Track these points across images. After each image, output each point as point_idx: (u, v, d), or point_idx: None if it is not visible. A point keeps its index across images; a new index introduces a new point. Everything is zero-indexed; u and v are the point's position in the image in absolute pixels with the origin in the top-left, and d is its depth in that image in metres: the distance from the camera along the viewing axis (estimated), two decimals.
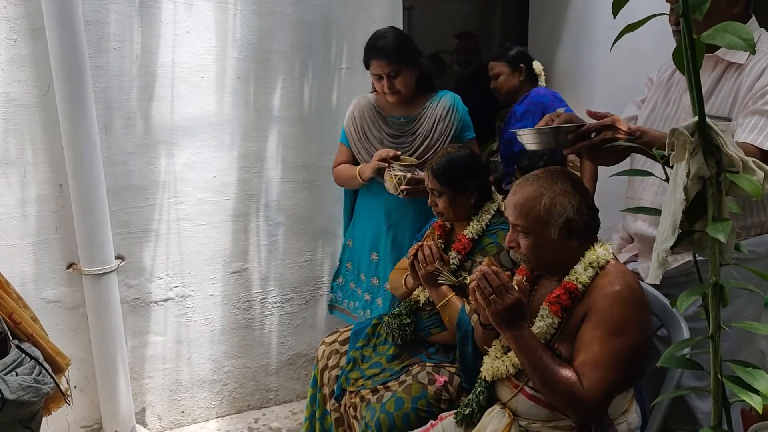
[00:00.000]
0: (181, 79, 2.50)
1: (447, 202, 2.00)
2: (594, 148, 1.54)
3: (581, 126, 1.53)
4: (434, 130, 2.39)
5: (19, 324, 1.79)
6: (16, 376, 1.66)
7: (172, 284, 2.65)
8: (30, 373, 1.70)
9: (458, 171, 1.98)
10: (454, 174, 1.98)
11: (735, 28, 0.67)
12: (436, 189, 2.01)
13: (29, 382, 1.66)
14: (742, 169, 0.74)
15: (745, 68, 1.65)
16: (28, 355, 1.73)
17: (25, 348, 1.76)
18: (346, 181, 2.52)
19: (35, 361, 1.74)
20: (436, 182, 1.99)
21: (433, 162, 2.02)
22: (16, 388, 1.62)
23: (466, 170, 1.99)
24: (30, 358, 1.74)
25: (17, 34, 2.22)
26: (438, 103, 2.42)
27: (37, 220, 2.37)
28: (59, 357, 1.91)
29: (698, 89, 0.72)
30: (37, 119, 2.30)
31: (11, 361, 1.68)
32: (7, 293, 1.82)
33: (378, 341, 2.16)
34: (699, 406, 1.81)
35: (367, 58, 2.34)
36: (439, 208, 2.03)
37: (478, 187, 2.01)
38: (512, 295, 1.45)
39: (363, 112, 2.46)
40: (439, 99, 2.44)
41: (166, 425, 2.78)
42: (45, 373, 1.75)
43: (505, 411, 1.58)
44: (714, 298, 0.75)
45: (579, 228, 1.53)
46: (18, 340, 1.78)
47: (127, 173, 2.48)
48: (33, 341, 1.83)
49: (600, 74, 3.15)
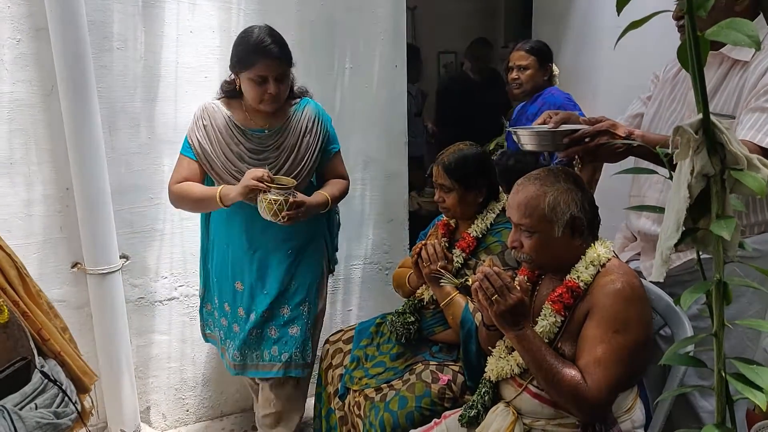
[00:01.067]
0: (184, 79, 2.50)
1: (456, 199, 1.99)
2: (590, 152, 1.54)
3: (577, 130, 1.53)
4: (300, 143, 2.13)
5: (47, 341, 1.71)
6: (35, 410, 1.55)
7: (176, 283, 2.66)
8: (51, 404, 1.60)
9: (470, 168, 1.98)
10: (466, 171, 1.97)
11: (740, 25, 0.67)
12: (446, 185, 1.99)
13: (48, 418, 1.55)
14: (746, 167, 0.74)
15: (750, 66, 1.65)
16: (50, 380, 1.64)
17: (49, 371, 1.66)
18: (195, 202, 2.11)
19: (58, 387, 1.64)
20: (447, 178, 1.98)
21: (445, 157, 2.00)
22: (33, 427, 1.50)
23: (477, 168, 1.99)
24: (53, 384, 1.63)
25: (21, 34, 2.23)
26: (302, 114, 2.16)
27: (42, 220, 2.38)
28: (86, 376, 1.82)
29: (702, 87, 0.72)
30: (41, 119, 2.31)
31: (31, 391, 1.58)
32: (38, 305, 1.75)
33: (382, 340, 2.16)
34: (703, 405, 1.81)
35: (251, 57, 1.98)
36: (447, 204, 2.02)
37: (487, 186, 2.01)
38: (514, 295, 1.45)
39: (215, 121, 2.10)
40: (302, 109, 2.17)
41: (171, 424, 2.79)
42: (68, 400, 1.65)
43: (509, 409, 1.58)
44: (718, 295, 0.75)
45: (582, 225, 1.53)
46: (44, 356, 1.70)
47: (131, 173, 2.49)
48: (60, 359, 1.75)
49: (603, 73, 3.14)
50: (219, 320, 2.31)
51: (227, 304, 2.26)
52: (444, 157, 2.01)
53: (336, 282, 2.96)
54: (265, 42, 1.97)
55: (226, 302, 2.26)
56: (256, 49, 1.97)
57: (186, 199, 2.11)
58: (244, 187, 1.95)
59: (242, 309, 2.23)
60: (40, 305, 1.77)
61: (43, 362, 1.68)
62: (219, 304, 2.29)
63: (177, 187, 2.10)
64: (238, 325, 2.24)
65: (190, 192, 2.09)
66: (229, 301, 2.26)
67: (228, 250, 2.22)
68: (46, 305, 1.81)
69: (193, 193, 2.09)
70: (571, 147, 1.53)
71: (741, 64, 1.68)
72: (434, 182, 2.04)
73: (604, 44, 3.07)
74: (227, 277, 2.24)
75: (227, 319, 2.28)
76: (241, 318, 2.24)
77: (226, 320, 2.28)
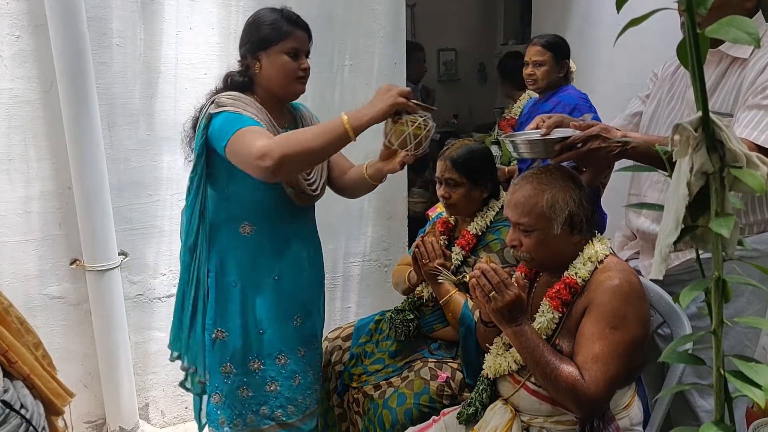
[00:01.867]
0: (184, 76, 2.50)
1: (463, 194, 1.98)
2: (583, 157, 1.54)
3: (568, 137, 1.53)
4: None
5: (14, 363, 1.57)
6: None
7: (175, 280, 2.65)
8: None
9: (477, 163, 1.97)
10: (474, 166, 1.97)
11: (739, 22, 0.66)
12: (453, 179, 1.97)
13: None
14: (745, 165, 0.74)
15: (748, 63, 1.65)
16: (13, 410, 1.49)
17: (13, 396, 1.52)
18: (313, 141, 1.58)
19: (21, 417, 1.50)
20: (455, 172, 1.96)
21: (452, 152, 1.99)
22: None
23: (483, 164, 1.99)
24: (16, 414, 1.49)
25: (20, 30, 2.22)
26: (302, 113, 1.97)
27: (41, 217, 2.38)
28: (58, 398, 1.69)
29: (702, 84, 0.71)
30: (40, 116, 2.30)
31: None
32: (5, 324, 1.62)
33: (380, 337, 2.16)
34: (701, 404, 1.81)
35: (286, 27, 1.74)
36: (452, 200, 1.99)
37: (491, 183, 2.01)
38: (512, 292, 1.46)
39: (259, 114, 1.75)
40: (299, 109, 1.98)
41: (170, 421, 2.79)
42: (33, 429, 1.53)
43: (507, 407, 1.59)
44: (716, 293, 0.75)
45: (581, 222, 1.53)
46: (10, 377, 1.57)
47: (130, 170, 2.48)
48: (29, 382, 1.61)
49: (603, 71, 3.15)
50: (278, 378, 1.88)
51: (284, 355, 1.87)
52: (451, 152, 1.99)
53: (335, 279, 2.96)
54: (291, 13, 1.79)
55: (283, 351, 1.87)
56: (289, 19, 1.76)
57: (300, 140, 1.58)
58: (390, 105, 1.57)
59: (303, 349, 1.92)
60: (8, 324, 1.63)
61: (8, 385, 1.54)
62: (271, 359, 1.87)
63: (279, 138, 1.60)
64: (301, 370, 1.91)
65: (299, 135, 1.61)
66: (287, 348, 1.88)
67: (276, 282, 1.84)
68: (16, 322, 1.66)
69: (306, 134, 1.61)
70: (563, 153, 1.53)
71: (740, 61, 1.68)
72: (439, 178, 2.02)
73: (604, 42, 3.07)
74: (281, 317, 1.86)
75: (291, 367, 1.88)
76: (302, 358, 1.92)
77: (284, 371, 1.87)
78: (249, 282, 1.82)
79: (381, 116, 1.58)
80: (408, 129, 1.59)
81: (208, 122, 1.70)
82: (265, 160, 1.54)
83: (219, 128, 1.67)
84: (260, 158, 1.55)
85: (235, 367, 1.83)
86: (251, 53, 1.78)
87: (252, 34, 1.78)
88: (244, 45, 1.80)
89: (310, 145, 1.57)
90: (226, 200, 1.79)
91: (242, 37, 1.81)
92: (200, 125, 1.72)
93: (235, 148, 1.62)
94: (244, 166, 1.63)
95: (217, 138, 1.67)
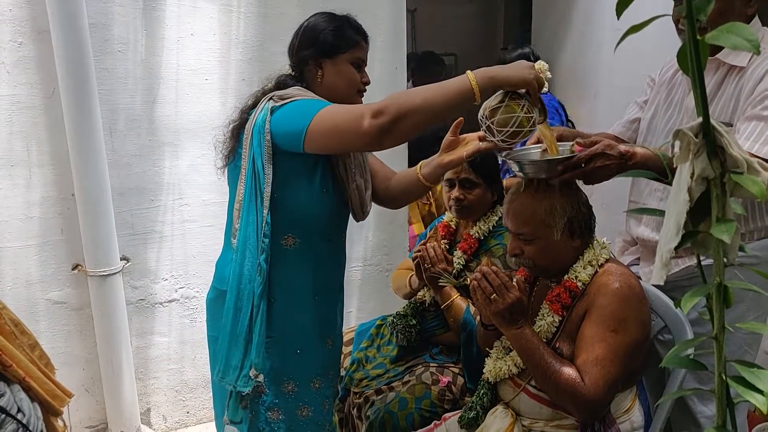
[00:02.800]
0: (185, 82, 2.51)
1: (479, 195, 1.97)
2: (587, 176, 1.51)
3: (572, 157, 1.49)
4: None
5: (9, 367, 1.55)
6: None
7: (176, 285, 2.66)
8: None
9: (492, 164, 1.98)
10: (490, 166, 1.97)
11: (739, 29, 0.67)
12: (470, 180, 1.95)
13: None
14: (746, 170, 0.74)
15: (746, 71, 1.64)
16: (8, 414, 1.48)
17: (9, 400, 1.51)
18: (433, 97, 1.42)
19: (18, 422, 1.49)
20: (473, 173, 1.94)
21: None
22: None
23: (496, 165, 2.00)
24: (12, 419, 1.48)
25: (22, 37, 2.23)
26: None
27: (43, 222, 2.38)
28: (56, 399, 1.68)
29: (702, 90, 0.72)
30: (42, 121, 2.31)
31: None
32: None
33: (382, 342, 2.16)
34: (701, 410, 1.81)
35: (354, 36, 1.67)
36: (467, 201, 1.97)
37: (500, 187, 2.02)
38: (513, 294, 1.46)
39: None
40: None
41: (171, 425, 2.79)
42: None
43: (507, 411, 1.59)
44: (718, 298, 0.76)
45: (580, 226, 1.54)
46: (7, 382, 1.56)
47: (132, 175, 2.49)
48: (25, 384, 1.60)
49: (603, 74, 3.15)
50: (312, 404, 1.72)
51: (318, 379, 1.73)
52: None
53: None
54: (357, 23, 1.69)
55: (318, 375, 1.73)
56: (357, 29, 1.67)
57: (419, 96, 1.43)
58: (529, 75, 1.42)
59: (332, 372, 1.80)
60: (1, 327, 1.61)
61: (4, 390, 1.53)
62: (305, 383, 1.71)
63: (392, 95, 1.47)
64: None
65: (417, 91, 1.47)
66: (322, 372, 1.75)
67: (315, 301, 1.71)
68: (9, 324, 1.64)
69: (425, 90, 1.45)
70: (567, 173, 1.49)
71: (737, 69, 1.67)
72: (452, 179, 1.97)
73: (604, 46, 3.08)
74: (318, 339, 1.73)
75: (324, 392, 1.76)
76: (331, 381, 1.80)
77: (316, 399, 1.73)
78: (288, 298, 1.66)
79: (515, 81, 1.43)
80: (520, 113, 1.44)
81: (267, 117, 1.55)
82: (380, 117, 1.39)
83: (292, 115, 1.52)
84: (374, 116, 1.40)
85: (267, 386, 1.65)
86: (313, 59, 1.64)
87: (314, 39, 1.64)
88: (306, 49, 1.65)
89: (431, 102, 1.41)
90: (271, 208, 1.60)
91: (301, 41, 1.67)
92: (256, 123, 1.57)
93: (325, 123, 1.47)
94: (342, 136, 1.46)
95: (291, 125, 1.51)
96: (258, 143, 1.55)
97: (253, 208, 1.58)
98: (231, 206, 1.68)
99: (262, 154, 1.55)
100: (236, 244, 1.61)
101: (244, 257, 1.59)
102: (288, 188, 1.60)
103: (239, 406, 1.64)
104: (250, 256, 1.59)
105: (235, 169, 1.65)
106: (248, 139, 1.57)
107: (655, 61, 2.03)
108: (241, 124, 1.63)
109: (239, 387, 1.60)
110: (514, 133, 1.46)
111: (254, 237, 1.58)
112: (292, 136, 1.51)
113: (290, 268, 1.65)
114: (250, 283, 1.59)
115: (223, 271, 1.69)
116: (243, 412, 1.64)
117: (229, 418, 1.65)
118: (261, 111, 1.57)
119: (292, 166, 1.58)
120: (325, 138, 1.48)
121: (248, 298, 1.59)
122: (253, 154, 1.56)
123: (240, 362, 1.60)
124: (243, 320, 1.59)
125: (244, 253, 1.59)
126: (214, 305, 1.72)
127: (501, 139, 1.47)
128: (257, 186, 1.57)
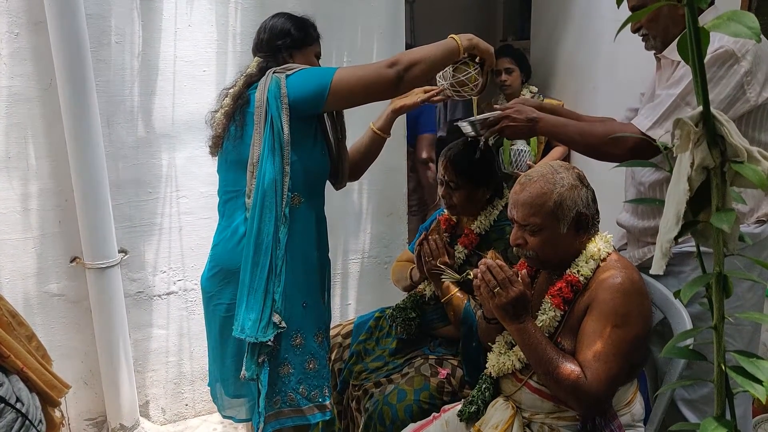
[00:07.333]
0: (183, 73, 2.50)
1: (464, 196, 1.95)
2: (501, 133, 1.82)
3: (487, 118, 1.81)
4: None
5: (6, 358, 1.57)
6: None
7: (175, 278, 2.66)
8: (9, 430, 1.48)
9: (478, 166, 1.93)
10: (474, 169, 1.93)
11: (741, 17, 0.66)
12: (453, 182, 1.94)
13: None
14: (746, 159, 0.74)
15: None
16: (7, 404, 1.49)
17: (7, 390, 1.52)
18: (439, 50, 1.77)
19: (17, 411, 1.50)
20: (456, 176, 1.93)
21: (452, 153, 1.96)
22: None
23: (485, 164, 1.95)
24: (11, 408, 1.49)
25: (19, 28, 2.22)
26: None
27: (40, 214, 2.38)
28: (53, 390, 1.69)
29: (703, 78, 0.71)
30: (39, 113, 2.30)
31: None
32: None
33: (381, 334, 2.16)
34: (692, 419, 1.80)
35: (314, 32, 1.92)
36: (454, 201, 1.97)
37: (494, 182, 1.99)
38: (516, 288, 1.45)
39: None
40: None
41: (170, 418, 2.79)
42: (29, 424, 1.53)
43: (508, 403, 1.59)
44: (718, 288, 0.75)
45: (588, 222, 1.53)
46: (5, 372, 1.57)
47: (129, 167, 2.48)
48: (23, 375, 1.61)
49: (603, 67, 3.14)
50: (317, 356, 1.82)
51: (321, 333, 1.84)
52: (451, 153, 1.96)
53: (334, 276, 2.95)
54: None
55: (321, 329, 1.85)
56: (315, 28, 1.92)
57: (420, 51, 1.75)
58: (490, 47, 1.82)
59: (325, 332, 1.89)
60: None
61: (3, 380, 1.55)
62: (311, 335, 1.81)
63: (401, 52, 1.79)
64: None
65: (418, 48, 1.78)
66: (323, 327, 1.88)
67: (317, 256, 1.85)
68: (7, 315, 1.65)
69: (424, 48, 1.77)
70: (486, 130, 1.82)
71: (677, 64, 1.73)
72: (440, 179, 1.98)
73: (604, 38, 3.06)
74: (318, 295, 1.87)
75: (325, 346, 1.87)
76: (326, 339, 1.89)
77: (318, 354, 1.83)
78: (296, 254, 1.76)
79: (482, 48, 1.80)
80: (472, 71, 1.81)
81: (283, 82, 1.70)
82: (395, 66, 1.69)
83: (310, 78, 1.71)
84: (390, 65, 1.69)
85: (278, 342, 1.73)
86: (286, 49, 1.84)
87: (287, 31, 1.85)
88: (281, 39, 1.84)
89: (430, 56, 1.74)
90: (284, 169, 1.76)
91: (272, 34, 1.84)
92: (270, 90, 1.69)
93: (349, 78, 1.70)
94: (368, 86, 1.70)
95: (312, 86, 1.69)
96: (276, 107, 1.68)
97: (270, 165, 1.68)
98: (222, 190, 1.84)
99: (280, 116, 1.68)
100: (251, 203, 1.71)
101: (263, 213, 1.69)
102: (298, 149, 1.73)
103: (256, 362, 1.70)
104: (268, 212, 1.69)
105: (226, 154, 1.81)
106: (262, 106, 1.70)
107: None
108: (243, 103, 1.75)
109: (260, 337, 1.67)
110: (462, 83, 1.83)
111: (272, 193, 1.69)
112: (314, 94, 1.69)
113: (298, 223, 1.77)
114: (268, 236, 1.69)
115: (225, 251, 1.79)
116: (258, 368, 1.71)
117: (246, 375, 1.71)
118: (270, 81, 1.71)
119: (301, 128, 1.73)
120: (351, 91, 1.70)
121: (266, 252, 1.69)
122: (271, 116, 1.68)
123: (259, 314, 1.68)
124: (261, 274, 1.68)
125: (263, 210, 1.69)
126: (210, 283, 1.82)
127: (450, 83, 1.84)
128: (278, 144, 1.69)
